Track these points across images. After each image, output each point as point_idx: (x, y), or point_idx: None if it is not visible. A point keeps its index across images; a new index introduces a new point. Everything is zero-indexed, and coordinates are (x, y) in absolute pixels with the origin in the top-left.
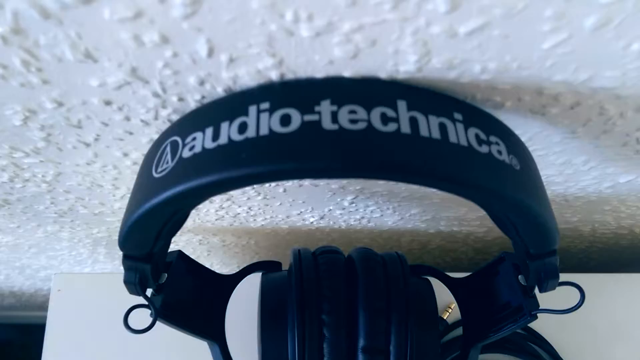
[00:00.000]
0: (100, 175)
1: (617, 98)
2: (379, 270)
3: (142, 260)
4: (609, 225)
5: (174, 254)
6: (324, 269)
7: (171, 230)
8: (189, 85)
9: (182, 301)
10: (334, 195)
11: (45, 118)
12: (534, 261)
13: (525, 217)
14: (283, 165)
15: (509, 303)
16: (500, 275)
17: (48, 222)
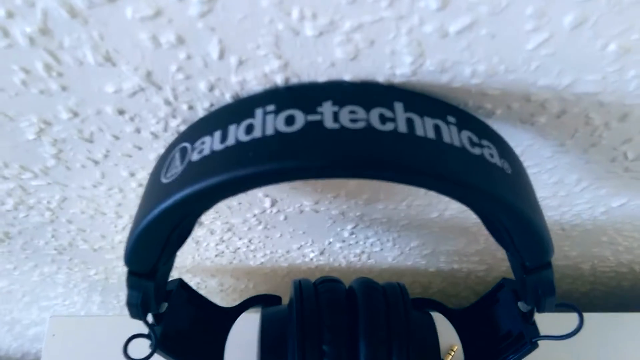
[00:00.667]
0: (105, 201)
1: (601, 105)
2: (380, 299)
3: (146, 277)
4: (608, 261)
5: (175, 282)
6: (325, 298)
7: (176, 242)
8: (199, 91)
9: (182, 332)
10: (334, 224)
11: (59, 131)
12: (530, 275)
13: (517, 221)
14: (288, 163)
15: (509, 332)
16: (500, 303)
17: (46, 262)
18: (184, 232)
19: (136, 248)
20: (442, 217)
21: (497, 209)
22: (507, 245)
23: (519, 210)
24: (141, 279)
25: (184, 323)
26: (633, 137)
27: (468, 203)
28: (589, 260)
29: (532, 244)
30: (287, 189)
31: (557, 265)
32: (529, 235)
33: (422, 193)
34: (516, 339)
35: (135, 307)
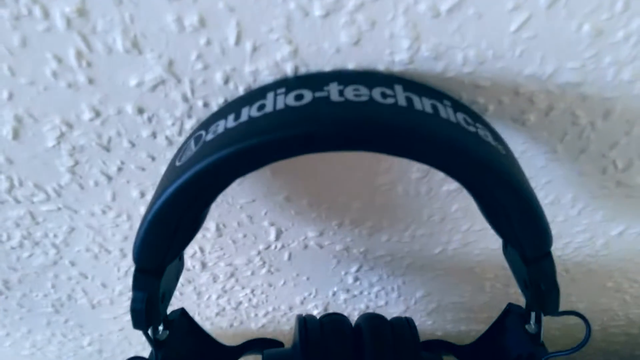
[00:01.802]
0: (111, 233)
1: (584, 100)
2: (387, 334)
3: (153, 275)
4: (618, 318)
5: (177, 311)
6: (330, 333)
7: (186, 234)
8: (215, 84)
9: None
10: (339, 264)
11: (78, 136)
12: (531, 266)
13: (516, 197)
14: (298, 129)
15: (519, 356)
16: (508, 330)
17: (40, 326)
18: (194, 222)
19: (147, 236)
20: (446, 252)
21: (494, 180)
22: (506, 233)
23: (518, 184)
24: (148, 276)
25: (185, 354)
26: (619, 141)
27: (467, 176)
28: (598, 318)
29: (532, 227)
30: (292, 216)
31: (567, 325)
32: (529, 214)
33: (424, 219)
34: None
35: (139, 313)
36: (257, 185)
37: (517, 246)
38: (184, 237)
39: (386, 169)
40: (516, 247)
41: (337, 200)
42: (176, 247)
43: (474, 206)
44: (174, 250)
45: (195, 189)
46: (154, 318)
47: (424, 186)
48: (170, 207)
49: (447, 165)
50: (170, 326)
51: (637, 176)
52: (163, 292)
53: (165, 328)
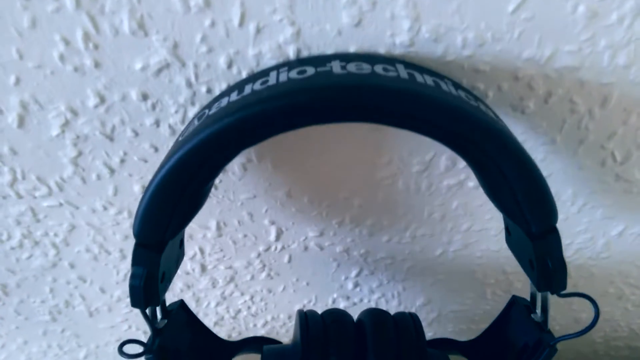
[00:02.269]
0: (112, 232)
1: (582, 86)
2: (390, 329)
3: (154, 250)
4: (621, 330)
5: (176, 302)
6: (332, 329)
7: (186, 210)
8: (219, 68)
9: (180, 352)
10: (339, 268)
11: (83, 124)
12: (537, 242)
13: (521, 167)
14: (300, 97)
15: (526, 345)
16: (513, 322)
17: (36, 336)
18: (196, 197)
19: (148, 209)
20: (447, 255)
21: (501, 149)
22: (510, 207)
23: (523, 154)
24: (148, 251)
25: (182, 344)
26: (617, 130)
27: (471, 144)
28: (600, 329)
29: (537, 199)
30: (292, 214)
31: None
32: (534, 186)
33: (425, 217)
34: (534, 348)
35: (138, 290)
36: (259, 180)
37: (522, 222)
38: (186, 212)
39: (387, 161)
40: (521, 224)
41: (338, 196)
42: (177, 223)
43: (474, 203)
44: (175, 226)
45: (196, 160)
46: (152, 297)
47: (424, 181)
48: (172, 179)
49: (451, 132)
50: (168, 316)
51: (635, 169)
52: (163, 272)
53: (164, 317)
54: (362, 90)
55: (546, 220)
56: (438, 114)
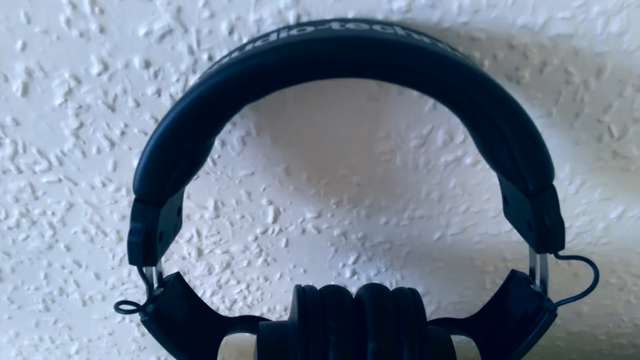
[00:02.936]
0: (109, 212)
1: (576, 55)
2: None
3: (153, 205)
4: (624, 325)
5: (172, 275)
6: (330, 301)
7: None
8: (220, 35)
9: (175, 320)
10: (336, 253)
11: (85, 93)
12: (534, 199)
13: (518, 121)
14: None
15: (525, 313)
16: (512, 294)
17: (29, 328)
18: (196, 153)
19: (148, 164)
20: (445, 239)
21: (499, 103)
22: (506, 165)
23: (520, 109)
24: (147, 206)
25: (178, 314)
26: (612, 103)
27: (468, 99)
28: (603, 324)
29: (533, 155)
30: (290, 192)
31: (572, 332)
32: (530, 141)
33: (423, 197)
34: (533, 315)
35: (136, 246)
36: (257, 155)
37: (519, 180)
38: (186, 168)
39: (385, 135)
40: (518, 182)
41: (337, 173)
42: (177, 179)
43: (472, 182)
44: (175, 182)
45: (197, 113)
46: (150, 255)
47: (422, 157)
48: (173, 132)
49: (447, 86)
50: (164, 286)
51: (632, 145)
52: (161, 232)
53: (160, 286)
54: (360, 41)
55: (543, 177)
56: (435, 66)
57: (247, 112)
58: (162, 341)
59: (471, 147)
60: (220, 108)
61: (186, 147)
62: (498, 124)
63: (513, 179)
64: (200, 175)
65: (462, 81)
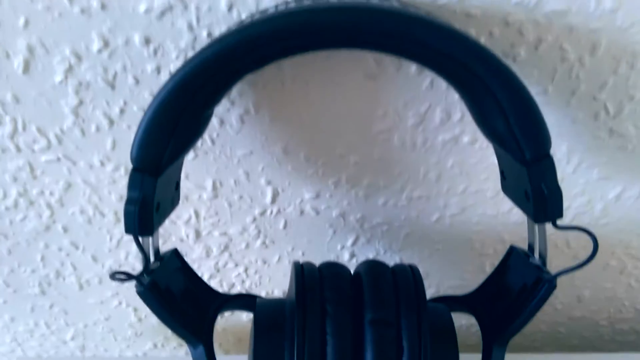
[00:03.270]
0: (107, 192)
1: (570, 31)
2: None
3: (151, 174)
4: (625, 310)
5: (169, 250)
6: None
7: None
8: (219, 11)
9: (171, 292)
10: (335, 235)
11: (86, 70)
12: (532, 168)
13: (514, 90)
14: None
15: (524, 285)
16: (511, 269)
17: (24, 313)
18: (195, 123)
19: (146, 132)
20: (443, 221)
21: (495, 72)
22: (503, 134)
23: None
24: (144, 175)
25: (174, 287)
26: (607, 80)
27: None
28: (604, 309)
29: (530, 122)
30: (288, 172)
31: (573, 317)
32: (527, 109)
33: (421, 177)
34: (532, 286)
35: (133, 215)
36: (256, 133)
37: (516, 149)
38: (184, 138)
39: (382, 114)
40: (514, 152)
41: (335, 152)
42: (175, 148)
43: (470, 161)
44: (173, 151)
45: (196, 81)
46: (147, 225)
47: (419, 136)
48: (172, 100)
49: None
50: (161, 260)
51: (628, 123)
52: (158, 202)
53: (157, 261)
54: (357, 10)
55: (540, 146)
56: (431, 34)
57: (245, 90)
58: (158, 312)
59: (469, 126)
60: (218, 78)
61: (185, 116)
62: (494, 91)
63: (509, 148)
64: (198, 154)
65: (458, 49)
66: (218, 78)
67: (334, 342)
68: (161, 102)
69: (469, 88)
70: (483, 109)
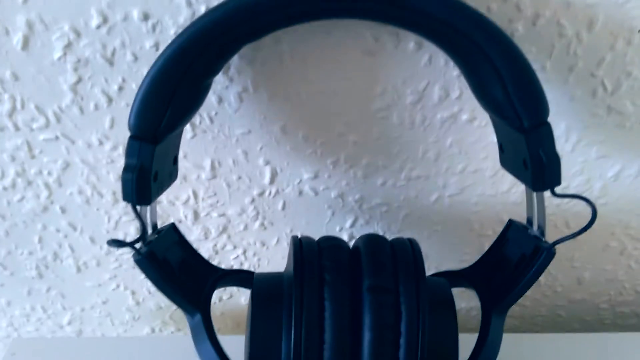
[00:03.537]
0: (106, 172)
1: (568, 7)
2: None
3: (148, 142)
4: (626, 293)
5: (167, 225)
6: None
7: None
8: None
9: (169, 263)
10: (333, 216)
11: (85, 46)
12: (530, 135)
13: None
14: None
15: (523, 255)
16: (510, 241)
17: (21, 296)
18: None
19: (144, 99)
20: (442, 201)
21: (493, 39)
22: (500, 102)
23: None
24: (142, 142)
25: (172, 259)
26: (605, 56)
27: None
28: (604, 292)
29: (527, 89)
30: (287, 152)
31: (573, 300)
32: (524, 76)
33: (420, 156)
34: (531, 256)
35: (130, 182)
36: (254, 112)
37: (514, 117)
38: (181, 109)
39: (381, 91)
40: (512, 120)
41: (333, 131)
42: (173, 116)
43: (468, 140)
44: (171, 119)
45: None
46: (144, 193)
47: (418, 114)
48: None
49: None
50: (159, 233)
51: (626, 100)
52: (156, 171)
53: (155, 233)
54: None
55: (538, 113)
56: (430, 2)
57: (244, 68)
58: (155, 280)
59: (467, 104)
60: (215, 46)
61: (182, 85)
62: (491, 58)
63: (507, 116)
64: (197, 133)
65: (456, 17)
66: (216, 46)
67: (332, 308)
68: (159, 69)
69: (467, 56)
70: (481, 78)
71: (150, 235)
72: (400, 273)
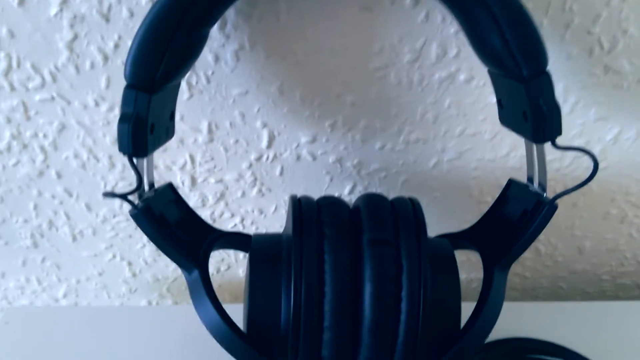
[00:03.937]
0: (102, 134)
1: None
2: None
3: (145, 91)
4: (627, 263)
5: (163, 184)
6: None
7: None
8: None
9: (166, 219)
10: (332, 182)
11: (81, 2)
12: (529, 84)
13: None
14: None
15: (524, 211)
16: (511, 199)
17: (15, 267)
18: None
19: (141, 47)
20: (441, 166)
21: None
22: (499, 51)
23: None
24: (138, 92)
25: (169, 216)
26: (601, 13)
27: None
28: (606, 262)
29: (526, 37)
30: (284, 114)
31: (574, 271)
32: (523, 24)
33: (418, 118)
34: (533, 210)
35: (126, 132)
36: (251, 72)
37: (513, 66)
38: (178, 58)
39: (378, 50)
40: (511, 69)
41: (331, 92)
42: (169, 67)
43: (467, 100)
44: (166, 70)
45: None
46: (141, 144)
47: (416, 73)
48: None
49: None
50: (156, 190)
51: (623, 59)
52: (152, 123)
53: (151, 190)
54: None
55: (537, 61)
56: None
57: (240, 24)
58: (152, 235)
59: (465, 63)
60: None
61: (178, 33)
62: (489, 5)
63: (506, 66)
64: (194, 94)
65: None
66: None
67: (332, 261)
68: (154, 17)
69: (465, 4)
70: (479, 27)
71: (147, 193)
72: (401, 227)
